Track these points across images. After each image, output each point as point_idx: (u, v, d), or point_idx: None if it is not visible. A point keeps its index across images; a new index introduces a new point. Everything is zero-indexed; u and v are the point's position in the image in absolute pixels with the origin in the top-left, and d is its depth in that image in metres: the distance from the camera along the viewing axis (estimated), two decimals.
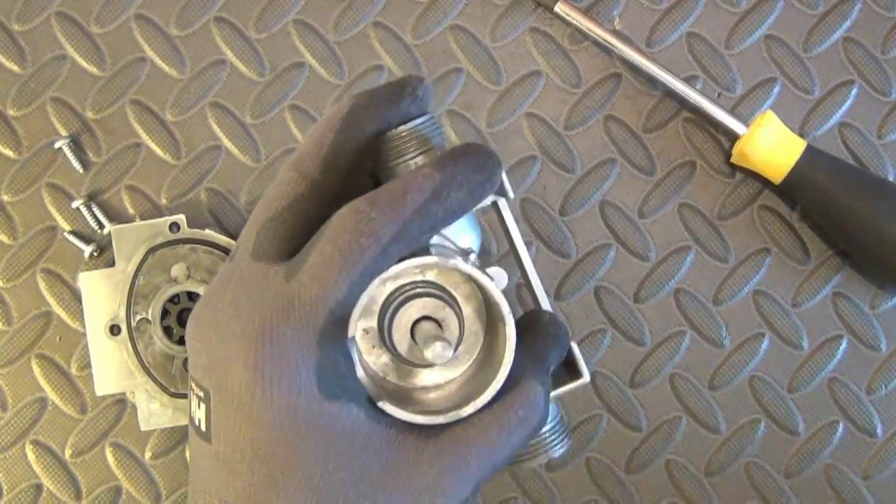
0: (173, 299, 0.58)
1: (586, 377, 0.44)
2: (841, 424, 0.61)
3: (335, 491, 0.36)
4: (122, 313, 0.57)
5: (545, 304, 0.44)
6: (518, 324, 0.39)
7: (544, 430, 0.44)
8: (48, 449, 0.60)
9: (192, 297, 0.58)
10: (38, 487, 0.60)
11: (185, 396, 0.57)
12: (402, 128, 0.40)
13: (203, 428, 0.37)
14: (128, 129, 0.61)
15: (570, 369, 0.44)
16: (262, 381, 0.35)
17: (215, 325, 0.37)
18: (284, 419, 0.36)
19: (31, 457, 0.60)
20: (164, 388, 0.57)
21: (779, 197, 0.62)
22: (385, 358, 0.41)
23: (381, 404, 0.38)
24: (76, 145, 0.61)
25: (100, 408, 0.60)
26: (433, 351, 0.36)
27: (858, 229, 0.58)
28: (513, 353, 0.38)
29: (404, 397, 0.40)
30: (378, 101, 0.40)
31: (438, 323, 0.40)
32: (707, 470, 0.61)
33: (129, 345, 0.57)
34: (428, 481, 0.37)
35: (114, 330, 0.57)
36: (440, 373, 0.41)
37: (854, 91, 0.62)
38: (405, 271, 0.37)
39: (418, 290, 0.40)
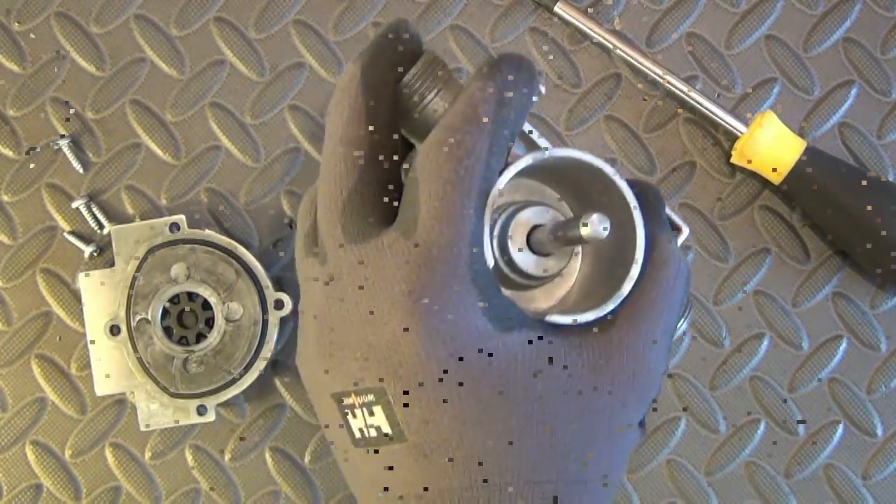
0: (173, 299, 0.58)
1: (685, 229, 0.43)
2: (841, 424, 0.61)
3: (556, 412, 0.34)
4: (122, 313, 0.57)
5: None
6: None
7: None
8: (48, 449, 0.60)
9: (192, 297, 0.58)
10: (38, 488, 0.60)
11: (184, 396, 0.57)
12: (413, 70, 0.38)
13: (388, 431, 0.34)
14: (128, 130, 0.61)
15: None
16: (440, 344, 0.32)
17: (357, 319, 0.34)
18: (476, 369, 0.33)
19: (30, 457, 0.60)
20: (164, 389, 0.57)
21: (779, 197, 0.62)
22: (506, 293, 0.38)
23: (548, 318, 0.35)
24: (76, 145, 0.61)
25: (100, 408, 0.60)
26: (592, 226, 0.33)
27: (858, 230, 0.58)
28: (641, 215, 0.36)
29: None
30: (383, 51, 0.37)
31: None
32: (707, 470, 0.61)
33: (129, 345, 0.57)
34: (632, 369, 0.35)
35: (114, 330, 0.57)
36: (560, 285, 0.39)
37: (854, 91, 0.62)
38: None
39: (509, 210, 0.37)
